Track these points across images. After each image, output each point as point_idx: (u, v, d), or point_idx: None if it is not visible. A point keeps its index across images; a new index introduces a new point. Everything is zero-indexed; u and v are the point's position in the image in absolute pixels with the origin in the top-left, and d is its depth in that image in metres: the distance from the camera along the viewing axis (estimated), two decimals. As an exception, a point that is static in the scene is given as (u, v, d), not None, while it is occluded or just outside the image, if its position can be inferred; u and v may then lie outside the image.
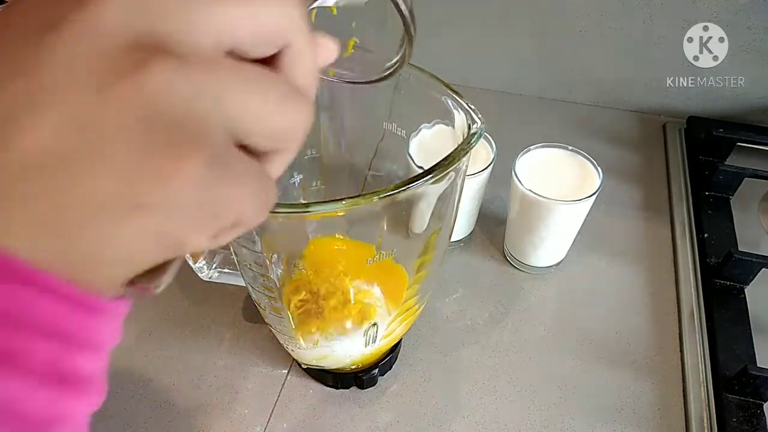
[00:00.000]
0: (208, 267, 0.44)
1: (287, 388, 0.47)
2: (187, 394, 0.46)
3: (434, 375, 0.47)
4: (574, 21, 0.67)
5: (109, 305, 0.17)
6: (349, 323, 0.42)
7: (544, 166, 0.50)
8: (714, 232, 0.55)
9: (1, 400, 0.14)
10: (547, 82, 0.72)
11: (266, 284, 0.38)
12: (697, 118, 0.68)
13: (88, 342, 0.16)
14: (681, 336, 0.49)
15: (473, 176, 0.48)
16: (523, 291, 0.53)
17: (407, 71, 0.38)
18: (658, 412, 0.45)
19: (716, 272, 0.52)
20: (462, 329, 0.50)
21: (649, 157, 0.66)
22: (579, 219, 0.49)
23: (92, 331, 0.16)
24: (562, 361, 0.48)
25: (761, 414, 0.43)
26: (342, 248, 0.45)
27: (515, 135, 0.56)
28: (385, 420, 0.45)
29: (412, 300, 0.41)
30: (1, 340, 0.14)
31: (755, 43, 0.62)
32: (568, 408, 0.45)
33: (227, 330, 0.50)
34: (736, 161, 0.61)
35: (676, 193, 0.61)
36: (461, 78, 0.69)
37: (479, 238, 0.57)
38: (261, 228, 0.34)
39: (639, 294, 0.52)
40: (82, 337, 0.16)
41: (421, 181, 0.30)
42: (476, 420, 0.44)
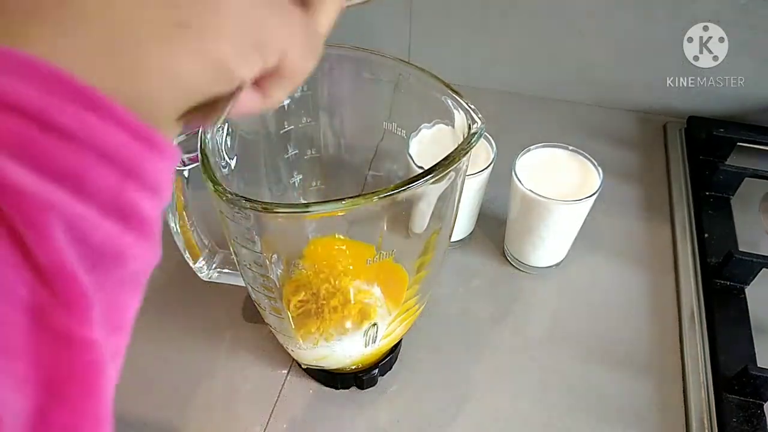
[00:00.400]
0: (208, 267, 0.44)
1: (287, 388, 0.47)
2: (187, 394, 0.46)
3: (434, 375, 0.47)
4: (574, 21, 0.66)
5: (164, 143, 0.17)
6: (349, 323, 0.42)
7: (544, 166, 0.50)
8: (714, 232, 0.55)
9: (69, 220, 0.15)
10: (547, 82, 0.72)
11: (266, 284, 0.38)
12: (698, 118, 0.68)
13: (146, 178, 0.17)
14: (681, 336, 0.49)
15: (473, 176, 0.48)
16: (523, 291, 0.53)
17: (407, 71, 0.38)
18: (658, 412, 0.45)
19: (716, 272, 0.52)
20: (462, 329, 0.50)
21: (650, 157, 0.66)
22: (579, 219, 0.49)
23: (150, 167, 0.17)
24: (562, 361, 0.48)
25: (761, 414, 0.43)
26: (342, 248, 0.45)
27: (515, 135, 0.56)
28: (385, 420, 0.45)
29: (412, 300, 0.41)
30: (68, 160, 0.15)
31: (755, 43, 0.62)
32: (568, 408, 0.45)
33: (227, 330, 0.50)
34: (737, 161, 0.61)
35: (677, 193, 0.61)
36: (461, 78, 0.69)
37: (479, 238, 0.57)
38: (261, 228, 0.34)
39: (639, 294, 0.52)
40: (141, 171, 0.17)
41: (421, 181, 0.30)
42: (476, 420, 0.44)
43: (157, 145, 0.17)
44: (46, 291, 0.15)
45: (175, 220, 0.40)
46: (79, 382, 0.16)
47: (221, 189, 0.31)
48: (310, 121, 0.45)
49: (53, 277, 0.15)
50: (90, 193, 0.16)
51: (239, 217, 0.32)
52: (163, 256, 0.19)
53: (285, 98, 0.22)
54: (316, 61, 0.21)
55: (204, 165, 0.32)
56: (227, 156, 0.38)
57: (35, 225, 0.15)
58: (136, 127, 0.16)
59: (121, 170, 0.16)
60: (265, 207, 0.30)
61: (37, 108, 0.15)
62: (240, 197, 0.30)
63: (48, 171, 0.15)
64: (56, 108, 0.15)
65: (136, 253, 0.17)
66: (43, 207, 0.15)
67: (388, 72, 0.39)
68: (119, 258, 0.17)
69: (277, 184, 0.47)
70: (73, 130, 0.15)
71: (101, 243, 0.16)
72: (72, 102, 0.15)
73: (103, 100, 0.16)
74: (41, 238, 0.15)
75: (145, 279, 0.19)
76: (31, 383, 0.15)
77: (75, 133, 0.15)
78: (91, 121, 0.15)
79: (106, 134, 0.16)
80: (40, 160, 0.15)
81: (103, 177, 0.16)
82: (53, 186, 0.15)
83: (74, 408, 0.16)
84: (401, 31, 0.72)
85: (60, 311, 0.15)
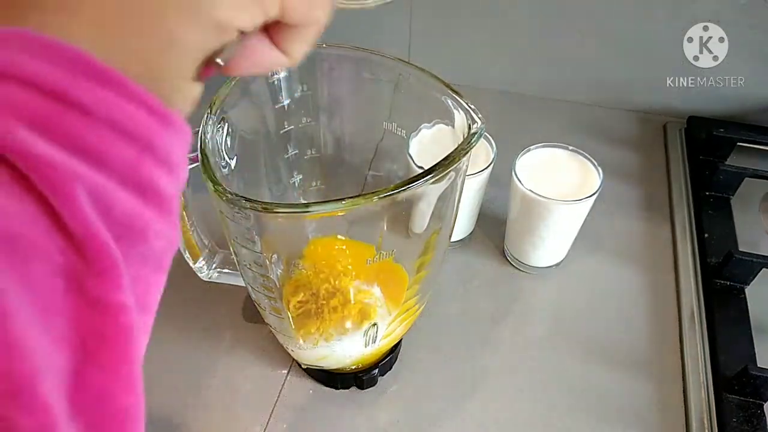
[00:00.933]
0: (208, 267, 0.44)
1: (287, 388, 0.47)
2: (186, 394, 0.46)
3: (434, 375, 0.47)
4: (574, 21, 0.66)
5: (177, 118, 0.18)
6: (349, 323, 0.42)
7: (544, 166, 0.50)
8: (714, 232, 0.55)
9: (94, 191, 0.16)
10: (547, 81, 0.72)
11: (266, 284, 0.38)
12: (698, 118, 0.68)
13: (161, 153, 0.18)
14: (681, 336, 0.49)
15: (473, 176, 0.48)
16: (523, 291, 0.53)
17: (407, 71, 0.38)
18: (658, 412, 0.45)
19: (716, 272, 0.52)
20: (462, 329, 0.50)
21: (650, 157, 0.66)
22: (579, 219, 0.49)
23: (164, 142, 0.18)
24: (562, 361, 0.48)
25: (761, 414, 0.43)
26: (342, 248, 0.45)
27: (515, 135, 0.56)
28: (385, 420, 0.45)
29: (412, 300, 0.41)
30: (88, 134, 0.16)
31: (755, 43, 0.62)
32: (568, 408, 0.45)
33: (227, 330, 0.50)
34: (737, 161, 0.61)
35: (677, 193, 0.61)
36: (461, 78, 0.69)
37: (479, 238, 0.57)
38: (261, 228, 0.34)
39: (639, 294, 0.52)
40: (156, 145, 0.18)
41: (421, 181, 0.30)
42: (476, 420, 0.44)
43: (171, 120, 0.18)
44: (78, 257, 0.16)
45: (175, 220, 0.40)
46: (112, 345, 0.17)
47: (221, 189, 0.31)
48: (310, 121, 0.45)
49: (85, 244, 0.16)
50: (110, 167, 0.16)
51: (239, 217, 0.32)
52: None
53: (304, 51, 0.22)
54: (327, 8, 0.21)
55: (204, 165, 0.32)
56: (227, 156, 0.38)
57: (65, 194, 0.15)
58: (151, 103, 0.17)
59: (138, 144, 0.17)
60: (265, 207, 0.30)
61: (56, 85, 0.16)
62: (240, 197, 0.30)
63: (70, 144, 0.16)
64: (74, 85, 0.16)
65: (156, 228, 0.18)
66: (70, 177, 0.16)
67: (388, 72, 0.39)
68: (141, 232, 0.17)
69: (277, 184, 0.47)
70: (91, 105, 0.16)
71: (123, 215, 0.17)
72: (89, 79, 0.16)
73: (118, 77, 0.16)
74: (72, 207, 0.16)
75: (168, 262, 0.19)
76: (68, 342, 0.16)
77: (93, 109, 0.16)
78: (108, 97, 0.16)
79: (123, 110, 0.17)
80: (61, 134, 0.16)
81: (121, 151, 0.17)
82: (76, 159, 0.16)
83: (108, 370, 0.16)
84: (401, 31, 0.72)
85: (93, 276, 0.16)
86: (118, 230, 0.17)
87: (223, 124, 0.37)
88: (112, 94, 0.16)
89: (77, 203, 0.16)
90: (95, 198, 0.16)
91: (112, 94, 0.16)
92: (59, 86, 0.16)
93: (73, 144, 0.16)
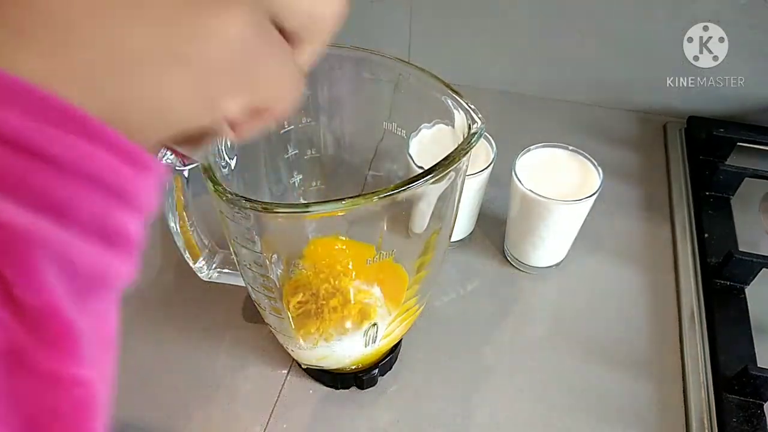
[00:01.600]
0: (208, 267, 0.44)
1: (287, 388, 0.47)
2: (186, 394, 0.46)
3: (434, 375, 0.47)
4: (574, 21, 0.66)
5: (153, 163, 0.17)
6: (348, 323, 0.42)
7: (544, 166, 0.50)
8: (714, 232, 0.55)
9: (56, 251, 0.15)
10: (547, 81, 0.72)
11: (266, 284, 0.38)
12: (698, 118, 0.68)
13: (133, 199, 0.17)
14: (681, 336, 0.49)
15: (473, 176, 0.48)
16: (523, 291, 0.53)
17: (407, 71, 0.38)
18: (658, 412, 0.45)
19: (716, 272, 0.52)
20: (462, 329, 0.50)
21: (650, 157, 0.66)
22: (579, 219, 0.49)
23: (137, 188, 0.17)
24: (562, 361, 0.48)
25: (761, 414, 0.43)
26: (342, 248, 0.45)
27: (515, 135, 0.56)
28: (385, 420, 0.45)
29: (412, 300, 0.41)
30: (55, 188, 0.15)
31: (755, 43, 0.62)
32: (568, 408, 0.45)
33: (227, 330, 0.50)
34: (737, 161, 0.61)
35: (677, 193, 0.61)
36: (461, 78, 0.69)
37: (479, 238, 0.57)
38: (261, 228, 0.34)
39: (639, 294, 0.52)
40: (128, 192, 0.16)
41: (421, 181, 0.30)
42: (476, 420, 0.44)
43: (146, 164, 0.17)
44: (25, 330, 0.14)
45: (175, 220, 0.40)
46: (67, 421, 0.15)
47: (221, 189, 0.31)
48: (310, 121, 0.45)
49: (37, 316, 0.14)
50: (77, 220, 0.15)
51: (239, 217, 0.32)
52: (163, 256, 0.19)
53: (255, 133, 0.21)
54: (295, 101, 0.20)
55: (204, 165, 0.32)
56: (227, 156, 0.38)
57: (23, 263, 0.14)
58: (126, 149, 0.16)
59: (108, 193, 0.16)
60: (265, 207, 0.30)
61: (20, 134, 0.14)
62: (240, 197, 0.30)
63: (33, 201, 0.14)
64: (42, 133, 0.14)
65: (120, 270, 0.17)
66: (31, 243, 0.14)
67: (388, 72, 0.39)
68: (105, 279, 0.16)
69: (277, 184, 0.47)
70: (61, 156, 0.14)
71: (87, 268, 0.16)
72: (61, 127, 0.14)
73: (94, 124, 0.15)
74: (28, 277, 0.14)
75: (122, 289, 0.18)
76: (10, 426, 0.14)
77: (63, 160, 0.14)
78: (80, 146, 0.15)
79: (95, 159, 0.15)
80: (25, 191, 0.14)
81: (90, 202, 0.15)
82: (38, 217, 0.14)
83: None
84: (401, 31, 0.72)
85: (42, 351, 0.15)
86: (80, 285, 0.15)
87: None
88: (83, 142, 0.15)
89: (35, 272, 0.14)
90: (58, 257, 0.15)
91: (83, 142, 0.15)
92: (24, 135, 0.14)
93: (37, 200, 0.14)
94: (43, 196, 0.14)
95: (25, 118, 0.14)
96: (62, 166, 0.14)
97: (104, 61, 0.15)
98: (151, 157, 0.17)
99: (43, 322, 0.15)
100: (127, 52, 0.15)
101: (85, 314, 0.16)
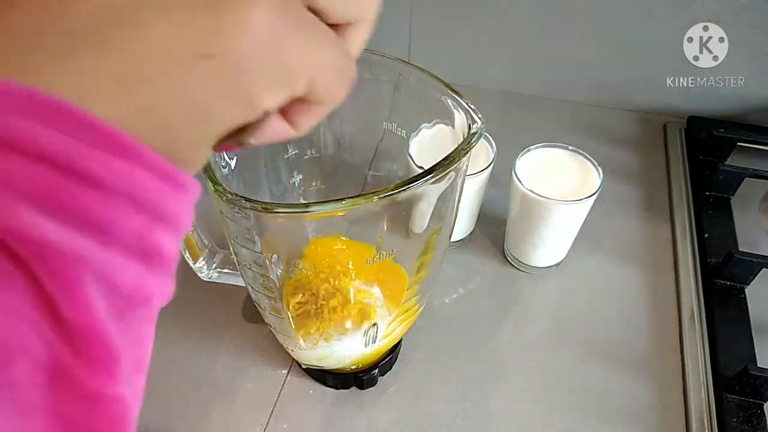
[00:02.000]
0: (208, 267, 0.44)
1: (287, 388, 0.47)
2: (187, 394, 0.46)
3: (434, 375, 0.47)
4: (574, 21, 0.66)
5: (189, 180, 0.17)
6: (348, 323, 0.42)
7: (544, 166, 0.50)
8: (714, 232, 0.55)
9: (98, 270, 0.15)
10: (547, 81, 0.72)
11: (266, 284, 0.38)
12: (698, 118, 0.68)
13: (171, 218, 0.17)
14: (681, 336, 0.49)
15: (473, 176, 0.48)
16: (523, 291, 0.53)
17: (407, 71, 0.38)
18: (658, 412, 0.45)
19: (716, 272, 0.52)
20: (462, 329, 0.50)
21: (650, 157, 0.66)
22: (579, 219, 0.49)
23: (175, 207, 0.17)
24: (562, 361, 0.48)
25: (761, 414, 0.43)
26: (342, 248, 0.45)
27: (515, 135, 0.56)
28: (385, 420, 0.45)
29: (412, 300, 0.41)
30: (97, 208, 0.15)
31: (755, 43, 0.62)
32: (568, 408, 0.45)
33: (227, 330, 0.50)
34: (737, 161, 0.61)
35: (677, 193, 0.61)
36: (461, 78, 0.69)
37: (479, 238, 0.57)
38: (261, 228, 0.34)
39: (639, 294, 0.52)
40: (166, 212, 0.16)
41: (421, 181, 0.30)
42: (476, 420, 0.44)
43: (183, 183, 0.17)
44: (70, 349, 0.15)
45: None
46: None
47: (221, 189, 0.31)
48: (310, 121, 0.44)
49: (81, 336, 0.15)
50: (118, 240, 0.15)
51: (239, 217, 0.32)
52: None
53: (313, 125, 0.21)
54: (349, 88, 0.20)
55: (204, 165, 0.32)
56: (227, 156, 0.38)
57: (65, 281, 0.14)
58: (163, 169, 0.16)
59: (147, 213, 0.16)
60: (265, 207, 0.30)
61: (63, 155, 0.14)
62: (240, 197, 0.30)
63: (78, 221, 0.14)
64: (87, 156, 0.14)
65: (159, 291, 0.17)
66: (74, 261, 0.14)
67: (388, 72, 0.39)
68: (144, 298, 0.16)
69: (277, 184, 0.47)
70: (102, 177, 0.15)
71: (128, 289, 0.16)
72: (100, 148, 0.15)
73: (131, 144, 0.15)
74: (73, 297, 0.14)
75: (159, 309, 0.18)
76: None
77: (104, 181, 0.15)
78: (120, 166, 0.15)
79: (134, 179, 0.15)
80: (68, 211, 0.14)
81: (131, 221, 0.15)
82: (81, 236, 0.14)
83: None
84: (401, 31, 0.72)
85: (85, 369, 0.15)
86: (120, 303, 0.16)
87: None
88: (127, 164, 0.15)
89: (80, 292, 0.14)
90: (101, 278, 0.15)
91: (127, 164, 0.15)
92: (71, 158, 0.14)
93: (81, 220, 0.14)
94: (86, 215, 0.14)
95: (67, 139, 0.14)
96: (104, 186, 0.15)
97: (134, 68, 0.15)
98: (188, 176, 0.17)
99: (87, 341, 0.15)
100: (154, 56, 0.15)
101: (124, 333, 0.16)
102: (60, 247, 0.14)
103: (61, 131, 0.14)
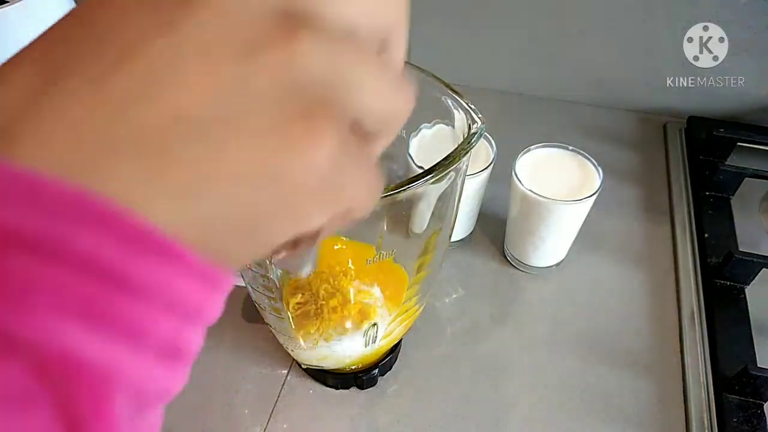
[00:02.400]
0: (208, 267, 0.43)
1: (287, 388, 0.47)
2: (186, 394, 0.46)
3: (434, 375, 0.47)
4: (574, 21, 0.67)
5: (227, 280, 0.17)
6: (348, 323, 0.42)
7: (544, 166, 0.50)
8: (714, 232, 0.55)
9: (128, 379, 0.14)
10: (547, 82, 0.72)
11: (266, 285, 0.38)
12: (698, 118, 0.68)
13: (203, 317, 0.16)
14: (681, 336, 0.49)
15: (473, 176, 0.48)
16: (523, 291, 0.53)
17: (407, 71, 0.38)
18: (658, 412, 0.45)
19: (716, 272, 0.52)
20: (462, 329, 0.50)
21: (650, 157, 0.66)
22: (579, 219, 0.49)
23: (210, 307, 0.16)
24: (562, 361, 0.48)
25: (761, 414, 0.43)
26: (342, 248, 0.45)
27: (515, 135, 0.56)
28: (385, 420, 0.45)
29: (412, 300, 0.41)
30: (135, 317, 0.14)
31: (755, 43, 0.62)
32: (568, 408, 0.45)
33: (227, 330, 0.50)
34: (737, 161, 0.61)
35: (677, 193, 0.61)
36: (461, 78, 0.69)
37: (479, 238, 0.57)
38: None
39: (639, 294, 0.52)
40: (200, 312, 0.16)
41: (422, 181, 0.30)
42: (476, 420, 0.44)
43: (221, 284, 0.16)
44: None
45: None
46: None
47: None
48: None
49: None
50: (149, 346, 0.15)
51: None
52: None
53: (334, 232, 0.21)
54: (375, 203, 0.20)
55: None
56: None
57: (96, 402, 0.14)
58: (206, 273, 0.15)
59: (182, 316, 0.15)
60: (265, 207, 0.30)
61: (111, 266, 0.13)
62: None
63: (113, 330, 0.14)
64: (131, 264, 0.14)
65: (178, 384, 0.17)
66: (107, 376, 0.14)
67: (388, 72, 0.39)
68: (168, 396, 0.16)
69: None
70: (145, 286, 0.14)
71: (155, 391, 0.15)
72: (149, 257, 0.14)
73: (183, 253, 0.14)
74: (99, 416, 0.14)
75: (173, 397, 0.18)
76: None
77: (146, 290, 0.14)
78: (165, 275, 0.14)
79: (173, 284, 0.15)
80: (106, 321, 0.13)
81: (164, 327, 0.15)
82: (116, 347, 0.14)
83: None
84: (401, 31, 0.72)
85: None
86: (143, 405, 0.15)
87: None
88: (170, 271, 0.14)
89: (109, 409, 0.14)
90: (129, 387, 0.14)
91: (170, 271, 0.14)
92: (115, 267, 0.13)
93: (116, 329, 0.14)
94: (120, 323, 0.14)
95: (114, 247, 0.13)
96: (141, 293, 0.14)
97: (199, 182, 0.14)
98: (227, 275, 0.16)
99: None
100: (222, 173, 0.15)
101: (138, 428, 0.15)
102: (94, 362, 0.13)
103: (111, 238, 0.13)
